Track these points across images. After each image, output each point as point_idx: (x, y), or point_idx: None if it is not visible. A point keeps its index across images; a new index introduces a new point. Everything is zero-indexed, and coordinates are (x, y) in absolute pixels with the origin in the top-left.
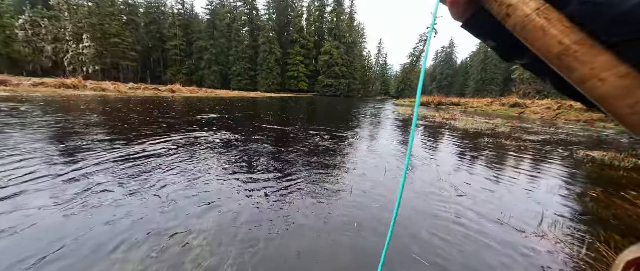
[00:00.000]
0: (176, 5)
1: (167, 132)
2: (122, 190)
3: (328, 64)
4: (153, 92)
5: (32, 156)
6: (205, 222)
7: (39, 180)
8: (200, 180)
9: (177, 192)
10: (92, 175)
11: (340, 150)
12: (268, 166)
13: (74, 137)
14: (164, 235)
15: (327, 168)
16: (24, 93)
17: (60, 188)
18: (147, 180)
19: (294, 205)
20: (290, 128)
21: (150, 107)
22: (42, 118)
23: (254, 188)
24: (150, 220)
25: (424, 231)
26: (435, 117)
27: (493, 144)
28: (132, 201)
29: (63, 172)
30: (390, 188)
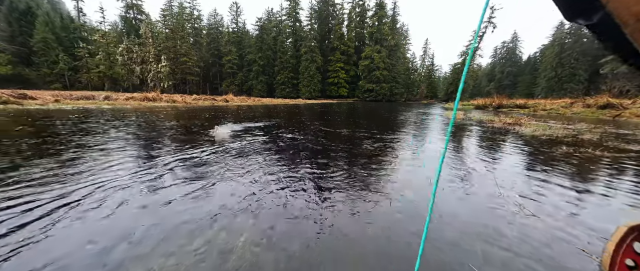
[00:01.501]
0: (231, 24)
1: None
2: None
3: (369, 69)
4: (211, 102)
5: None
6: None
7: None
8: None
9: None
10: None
11: (381, 157)
12: (312, 161)
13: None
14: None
15: (370, 175)
16: (119, 105)
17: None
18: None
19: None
20: (330, 135)
21: (221, 113)
22: (171, 121)
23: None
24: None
25: (477, 254)
26: (494, 122)
27: (574, 155)
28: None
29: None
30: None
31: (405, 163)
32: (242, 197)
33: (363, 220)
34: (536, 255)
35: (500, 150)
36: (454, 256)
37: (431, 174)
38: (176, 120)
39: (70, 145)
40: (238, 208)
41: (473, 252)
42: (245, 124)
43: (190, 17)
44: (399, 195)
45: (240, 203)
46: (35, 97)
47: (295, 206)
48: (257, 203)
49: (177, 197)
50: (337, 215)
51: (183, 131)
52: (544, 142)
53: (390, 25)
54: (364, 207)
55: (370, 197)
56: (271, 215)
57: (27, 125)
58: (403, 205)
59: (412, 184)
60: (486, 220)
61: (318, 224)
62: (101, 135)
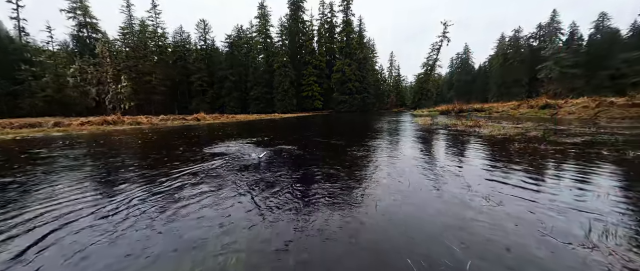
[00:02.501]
0: (199, 41)
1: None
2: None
3: (341, 81)
4: (180, 122)
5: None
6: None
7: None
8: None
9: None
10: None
11: (359, 164)
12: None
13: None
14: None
15: (351, 179)
16: (73, 131)
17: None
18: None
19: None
20: (307, 150)
21: (191, 134)
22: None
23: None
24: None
25: (456, 243)
26: (457, 125)
27: (525, 150)
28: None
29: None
30: (418, 203)
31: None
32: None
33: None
34: (506, 240)
35: (466, 150)
36: (437, 247)
37: (407, 177)
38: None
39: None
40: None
41: (454, 243)
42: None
43: (154, 34)
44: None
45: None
46: None
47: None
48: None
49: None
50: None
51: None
52: (500, 140)
53: (357, 40)
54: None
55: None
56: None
57: None
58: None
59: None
60: (461, 212)
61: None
62: (59, 169)
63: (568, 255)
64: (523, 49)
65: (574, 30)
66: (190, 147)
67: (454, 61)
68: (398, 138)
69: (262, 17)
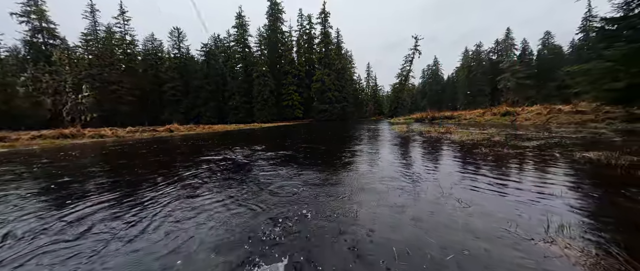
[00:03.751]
0: (173, 50)
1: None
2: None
3: (321, 90)
4: (150, 133)
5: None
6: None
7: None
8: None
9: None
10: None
11: (340, 170)
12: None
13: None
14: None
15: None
16: (22, 147)
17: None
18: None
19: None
20: (289, 158)
21: (160, 147)
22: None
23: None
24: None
25: (435, 244)
26: (431, 132)
27: (491, 154)
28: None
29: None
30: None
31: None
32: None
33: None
34: (481, 241)
35: (439, 155)
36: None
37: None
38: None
39: None
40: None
41: (432, 244)
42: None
43: (122, 41)
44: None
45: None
46: None
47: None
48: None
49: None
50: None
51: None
52: (469, 145)
53: (336, 51)
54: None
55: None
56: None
57: None
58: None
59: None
60: (436, 215)
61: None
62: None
63: (530, 249)
64: (484, 61)
65: (526, 45)
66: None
67: (426, 72)
68: (378, 145)
69: (240, 26)
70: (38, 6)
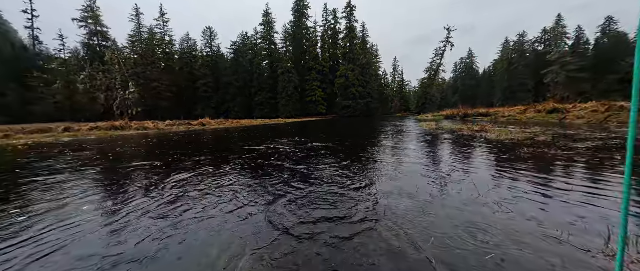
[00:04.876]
0: (205, 48)
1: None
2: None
3: (344, 86)
4: (186, 127)
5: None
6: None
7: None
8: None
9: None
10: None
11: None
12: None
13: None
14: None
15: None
16: (82, 136)
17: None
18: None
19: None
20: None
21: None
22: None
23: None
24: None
25: (470, 253)
26: (463, 130)
27: (535, 155)
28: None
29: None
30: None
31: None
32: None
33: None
34: (521, 249)
35: (473, 155)
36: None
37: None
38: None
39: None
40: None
41: (467, 250)
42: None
43: (162, 42)
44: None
45: None
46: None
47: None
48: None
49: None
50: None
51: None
52: (508, 145)
53: (361, 45)
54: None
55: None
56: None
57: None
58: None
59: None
60: (472, 218)
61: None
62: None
63: (588, 263)
64: (528, 53)
65: (580, 34)
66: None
67: (458, 66)
68: (404, 142)
69: (266, 24)
70: (94, 12)
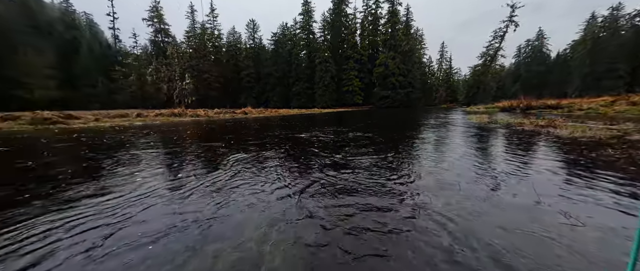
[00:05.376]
0: (248, 41)
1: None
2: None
3: (383, 75)
4: (230, 115)
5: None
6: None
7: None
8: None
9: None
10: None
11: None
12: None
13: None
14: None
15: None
16: (149, 121)
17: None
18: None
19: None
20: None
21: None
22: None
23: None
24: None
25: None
26: (524, 124)
27: (623, 158)
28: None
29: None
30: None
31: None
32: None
33: None
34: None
35: (535, 154)
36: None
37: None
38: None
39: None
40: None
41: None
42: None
43: (212, 36)
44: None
45: None
46: (79, 117)
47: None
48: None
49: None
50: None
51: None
52: (585, 144)
53: (404, 31)
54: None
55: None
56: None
57: (87, 144)
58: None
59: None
60: (528, 225)
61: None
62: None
63: None
64: (623, 30)
65: None
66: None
67: (523, 49)
68: (448, 135)
69: (305, 13)
70: (158, 11)
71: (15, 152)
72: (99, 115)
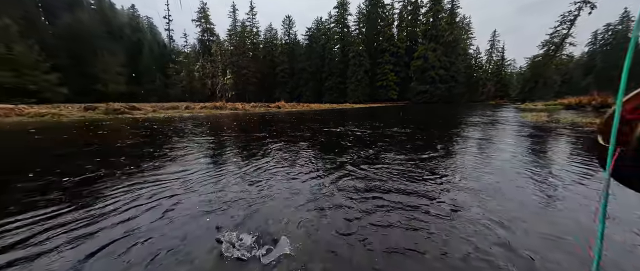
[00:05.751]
0: (284, 37)
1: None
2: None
3: (421, 69)
4: (265, 109)
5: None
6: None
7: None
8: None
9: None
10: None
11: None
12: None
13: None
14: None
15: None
16: (195, 113)
17: None
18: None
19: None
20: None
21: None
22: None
23: None
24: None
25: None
26: (595, 124)
27: None
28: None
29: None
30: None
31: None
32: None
33: None
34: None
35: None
36: None
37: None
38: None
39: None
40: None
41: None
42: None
43: (250, 33)
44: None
45: None
46: (140, 108)
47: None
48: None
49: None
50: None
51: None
52: None
53: (447, 19)
54: None
55: None
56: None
57: (144, 129)
58: None
59: None
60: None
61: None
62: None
63: None
64: None
65: None
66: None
67: (601, 36)
68: (496, 135)
69: (340, 6)
70: (205, 12)
71: (109, 133)
72: (156, 107)
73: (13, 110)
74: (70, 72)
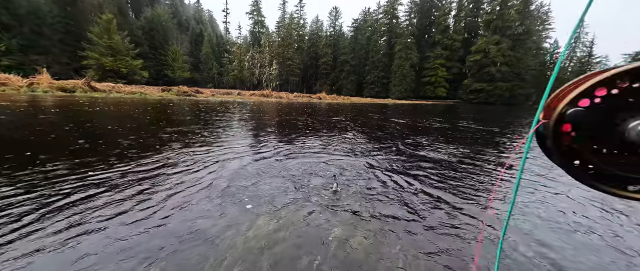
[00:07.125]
0: (329, 28)
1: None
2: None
3: (479, 64)
4: (307, 99)
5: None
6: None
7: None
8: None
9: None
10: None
11: None
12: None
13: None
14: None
15: None
16: (245, 99)
17: None
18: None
19: None
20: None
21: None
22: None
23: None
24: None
25: None
26: None
27: None
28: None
29: None
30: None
31: None
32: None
33: None
34: None
35: None
36: None
37: None
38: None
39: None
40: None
41: None
42: None
43: (297, 25)
44: None
45: None
46: (202, 92)
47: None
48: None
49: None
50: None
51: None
52: None
53: (519, 8)
54: None
55: None
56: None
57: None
58: None
59: None
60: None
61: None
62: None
63: None
64: None
65: None
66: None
67: None
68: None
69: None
70: (257, 5)
71: (186, 110)
72: (214, 92)
73: (114, 88)
74: (149, 58)
